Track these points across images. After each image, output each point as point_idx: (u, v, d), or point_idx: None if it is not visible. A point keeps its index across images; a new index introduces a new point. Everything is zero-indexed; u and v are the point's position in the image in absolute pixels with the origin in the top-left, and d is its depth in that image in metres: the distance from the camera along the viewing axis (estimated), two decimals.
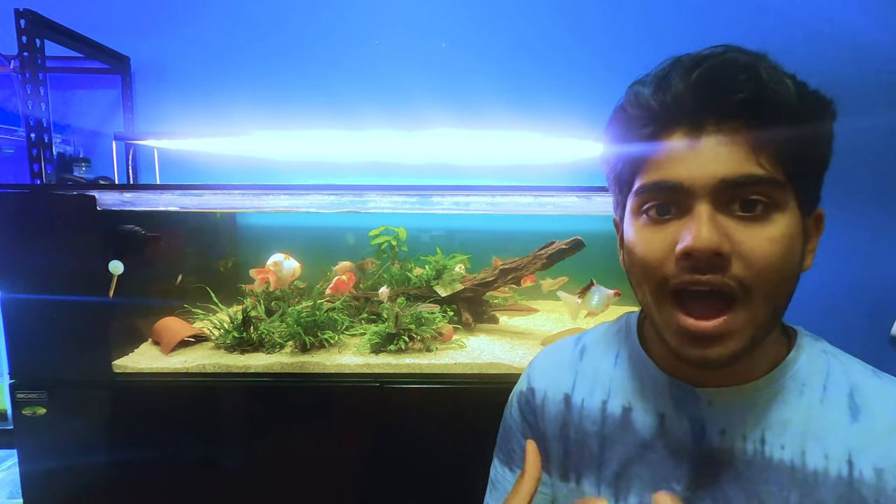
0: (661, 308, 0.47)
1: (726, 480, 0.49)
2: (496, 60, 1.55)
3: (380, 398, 1.01)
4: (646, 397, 0.55)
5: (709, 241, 0.42)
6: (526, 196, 1.05)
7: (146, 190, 1.11)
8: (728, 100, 0.42)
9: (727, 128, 0.43)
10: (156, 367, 1.04)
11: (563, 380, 0.62)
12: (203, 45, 1.54)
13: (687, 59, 0.45)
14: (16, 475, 1.07)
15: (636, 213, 0.49)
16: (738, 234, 0.43)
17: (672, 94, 0.44)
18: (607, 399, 0.58)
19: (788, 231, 0.43)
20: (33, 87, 1.19)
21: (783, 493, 0.47)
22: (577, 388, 0.60)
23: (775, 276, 0.43)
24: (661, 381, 0.54)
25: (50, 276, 0.99)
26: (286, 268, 1.24)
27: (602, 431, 0.57)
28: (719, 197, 0.43)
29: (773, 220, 0.43)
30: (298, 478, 1.04)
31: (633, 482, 0.54)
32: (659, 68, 0.47)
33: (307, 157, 1.54)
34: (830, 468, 0.46)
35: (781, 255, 0.43)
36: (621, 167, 0.51)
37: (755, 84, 0.42)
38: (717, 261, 0.43)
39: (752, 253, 0.43)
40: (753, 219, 0.43)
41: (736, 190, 0.43)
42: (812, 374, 0.50)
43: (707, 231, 0.42)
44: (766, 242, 0.43)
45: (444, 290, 1.26)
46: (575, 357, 0.63)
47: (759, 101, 0.42)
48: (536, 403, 0.63)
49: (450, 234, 1.62)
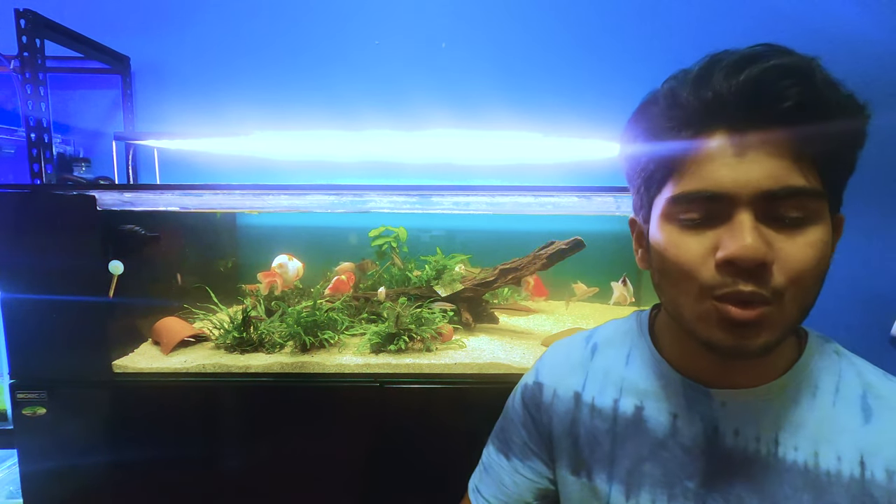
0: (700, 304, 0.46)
1: (739, 481, 0.49)
2: (497, 61, 1.55)
3: (380, 398, 1.01)
4: (658, 397, 0.55)
5: (756, 250, 0.41)
6: (526, 196, 1.05)
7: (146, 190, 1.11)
8: (775, 107, 0.41)
9: (772, 135, 0.42)
10: (156, 367, 1.04)
11: (573, 378, 0.61)
12: (203, 45, 1.54)
13: (728, 57, 0.43)
14: (16, 475, 1.07)
15: (668, 218, 0.47)
16: (777, 241, 0.43)
17: (713, 93, 0.43)
18: (619, 398, 0.57)
19: (825, 237, 0.43)
20: (33, 87, 1.19)
21: (797, 494, 0.47)
22: (587, 386, 0.60)
23: (810, 280, 0.43)
24: (674, 381, 0.54)
25: (50, 276, 0.99)
26: (291, 269, 1.25)
27: (614, 429, 0.57)
28: (760, 206, 0.43)
29: (811, 228, 0.43)
30: (298, 478, 1.04)
31: (645, 480, 0.54)
32: (697, 66, 0.45)
33: (307, 157, 1.54)
34: (843, 470, 0.46)
35: (817, 261, 0.43)
36: (653, 168, 0.48)
37: (803, 90, 0.41)
38: (760, 270, 0.42)
39: (790, 259, 0.42)
40: (792, 227, 0.43)
41: (778, 201, 0.42)
42: (824, 375, 0.50)
43: (752, 240, 0.41)
44: (805, 248, 0.43)
45: (444, 290, 1.26)
46: (586, 356, 0.63)
47: (806, 110, 0.41)
48: (544, 399, 0.63)
49: (450, 234, 1.62)
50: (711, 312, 0.45)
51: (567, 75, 1.55)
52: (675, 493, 0.52)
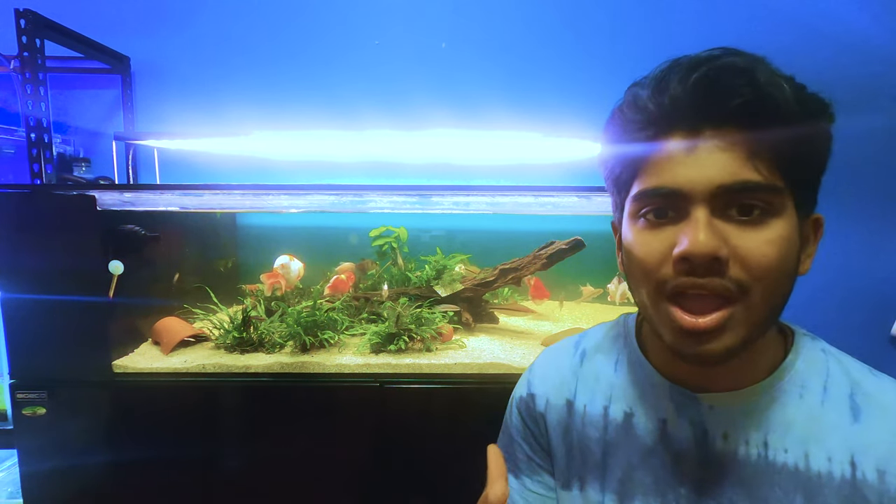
0: (657, 307, 0.47)
1: (730, 485, 0.49)
2: (496, 60, 1.55)
3: (380, 398, 1.01)
4: (647, 402, 0.55)
5: (706, 245, 0.42)
6: (526, 196, 1.05)
7: (146, 190, 1.11)
8: (725, 105, 0.43)
9: (725, 133, 0.43)
10: (156, 367, 1.04)
11: (564, 386, 0.61)
12: (203, 45, 1.54)
13: (685, 61, 0.45)
14: (16, 475, 1.07)
15: (634, 217, 0.49)
16: (736, 237, 0.43)
17: (669, 97, 0.45)
18: (609, 405, 0.57)
19: (786, 234, 0.44)
20: (33, 87, 1.19)
21: (788, 496, 0.46)
22: (578, 394, 0.60)
23: (773, 277, 0.44)
24: (662, 387, 0.54)
25: (50, 276, 0.99)
26: (293, 269, 1.25)
27: (605, 437, 0.57)
28: (717, 202, 0.44)
29: (771, 224, 0.44)
30: (298, 478, 1.04)
31: (637, 488, 0.54)
32: (657, 70, 0.47)
33: (307, 157, 1.54)
34: (834, 470, 0.46)
35: (779, 257, 0.43)
36: (619, 170, 0.51)
37: (752, 89, 0.42)
38: (714, 265, 0.43)
39: (749, 255, 0.43)
40: (751, 223, 0.44)
41: (733, 195, 0.43)
42: (811, 375, 0.49)
43: (704, 236, 0.43)
44: (764, 244, 0.43)
45: (444, 290, 1.26)
46: (575, 363, 0.63)
47: (756, 106, 0.42)
48: (538, 409, 0.63)
49: (450, 234, 1.62)
50: (667, 320, 0.46)
51: (567, 75, 1.55)
52: (668, 500, 0.52)
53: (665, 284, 0.46)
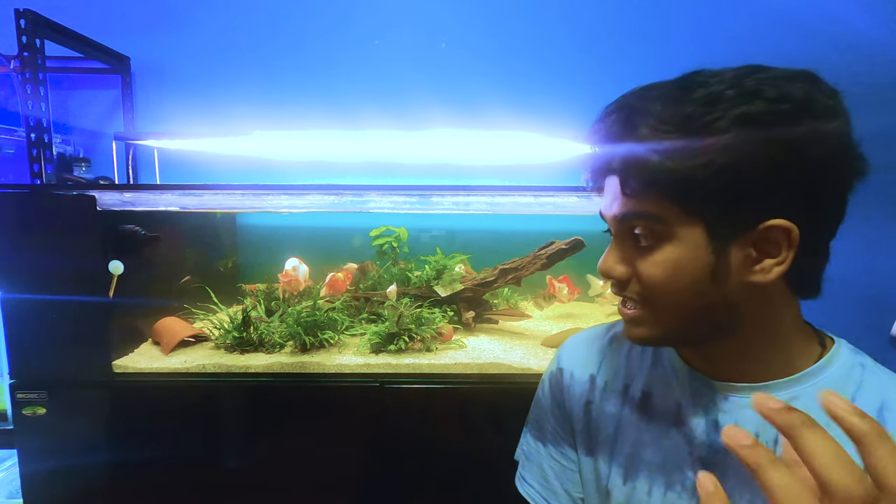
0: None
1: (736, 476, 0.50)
2: (496, 60, 1.55)
3: (380, 398, 1.01)
4: (666, 385, 0.58)
5: (603, 267, 0.53)
6: (526, 196, 1.05)
7: (146, 190, 1.11)
8: (605, 142, 0.50)
9: (615, 169, 0.50)
10: (156, 367, 1.04)
11: (589, 361, 0.66)
12: (203, 45, 1.54)
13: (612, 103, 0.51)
14: (16, 475, 1.07)
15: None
16: (635, 259, 0.50)
17: (590, 135, 0.52)
18: (630, 384, 0.61)
19: (674, 257, 0.47)
20: (33, 87, 1.19)
21: None
22: (601, 370, 0.64)
23: (665, 292, 0.49)
24: (682, 372, 0.57)
25: (50, 276, 0.99)
26: (301, 272, 1.26)
27: (620, 413, 0.60)
28: (620, 227, 0.51)
29: (661, 248, 0.48)
30: (298, 478, 1.04)
31: (643, 465, 0.56)
32: (605, 108, 0.52)
33: (307, 157, 1.54)
34: None
35: (664, 277, 0.48)
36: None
37: (618, 126, 0.48)
38: (621, 281, 0.52)
39: (641, 274, 0.50)
40: (645, 248, 0.49)
41: (624, 224, 0.50)
42: (840, 385, 0.49)
43: (604, 259, 0.53)
44: (651, 266, 0.49)
45: (444, 290, 1.26)
46: (604, 343, 0.67)
47: (623, 152, 0.47)
48: (564, 382, 0.66)
49: (450, 234, 1.62)
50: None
51: (567, 75, 1.55)
52: (673, 481, 0.54)
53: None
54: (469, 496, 1.04)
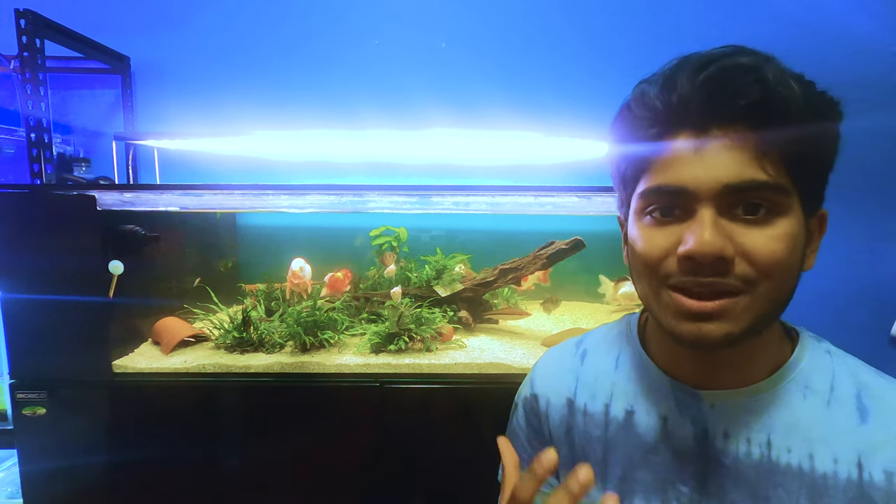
0: (659, 294, 0.48)
1: (732, 484, 0.49)
2: (496, 60, 1.55)
3: (380, 398, 1.01)
4: (648, 400, 0.55)
5: (711, 245, 0.42)
6: (526, 196, 1.05)
7: (146, 190, 1.11)
8: (733, 104, 0.42)
9: (732, 132, 0.43)
10: (156, 367, 1.04)
11: (564, 385, 0.62)
12: (203, 45, 1.54)
13: (694, 59, 0.45)
14: (16, 475, 1.07)
15: (640, 213, 0.49)
16: (742, 235, 0.43)
17: (678, 95, 0.44)
18: (610, 402, 0.57)
19: (792, 231, 0.44)
20: (33, 87, 1.19)
21: (792, 497, 0.46)
22: (578, 392, 0.60)
23: (780, 272, 0.44)
24: (664, 384, 0.54)
25: (50, 276, 0.99)
26: (306, 273, 1.27)
27: (605, 435, 0.57)
28: (723, 201, 0.43)
29: (777, 222, 0.43)
30: (298, 478, 1.04)
31: (638, 486, 0.54)
32: (666, 67, 0.47)
33: (307, 157, 1.54)
34: (840, 472, 0.45)
35: (785, 253, 0.43)
36: (625, 167, 0.51)
37: (761, 88, 0.42)
38: (719, 264, 0.43)
39: (756, 251, 0.43)
40: (757, 221, 0.43)
41: (739, 195, 0.43)
42: (816, 375, 0.49)
43: (710, 235, 0.42)
44: (771, 241, 0.43)
45: (444, 290, 1.26)
46: (576, 362, 0.63)
47: (764, 106, 0.42)
48: (541, 409, 0.63)
49: (450, 234, 1.62)
50: (670, 304, 0.46)
51: (568, 75, 1.55)
52: (669, 498, 0.52)
53: (668, 279, 0.46)
54: (469, 496, 1.04)
